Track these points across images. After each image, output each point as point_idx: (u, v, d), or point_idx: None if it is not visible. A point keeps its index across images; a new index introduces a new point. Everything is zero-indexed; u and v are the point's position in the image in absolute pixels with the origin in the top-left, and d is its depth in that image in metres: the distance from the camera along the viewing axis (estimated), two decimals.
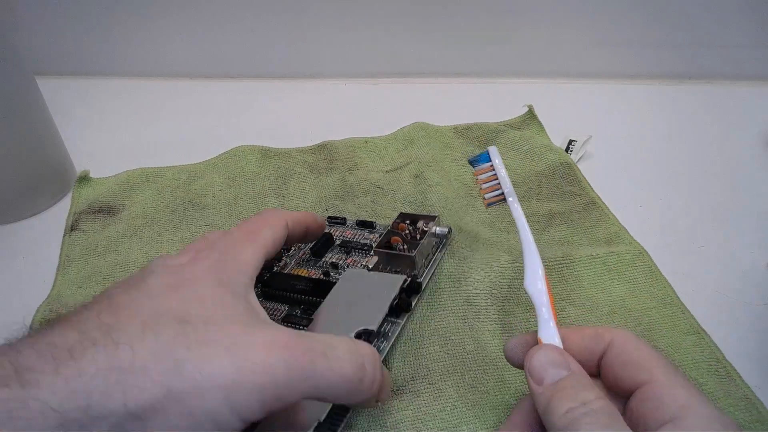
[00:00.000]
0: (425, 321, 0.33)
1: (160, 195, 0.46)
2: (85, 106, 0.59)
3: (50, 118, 0.45)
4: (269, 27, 0.61)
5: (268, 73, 0.64)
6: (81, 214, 0.44)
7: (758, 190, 0.46)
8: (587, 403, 0.20)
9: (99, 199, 0.45)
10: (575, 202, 0.43)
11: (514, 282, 0.35)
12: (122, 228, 0.42)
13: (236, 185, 0.46)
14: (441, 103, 0.61)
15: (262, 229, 0.27)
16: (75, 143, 0.49)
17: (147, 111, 0.59)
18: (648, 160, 0.50)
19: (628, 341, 0.23)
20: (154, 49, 0.63)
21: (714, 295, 0.37)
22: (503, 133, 0.51)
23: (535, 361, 0.23)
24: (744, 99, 0.60)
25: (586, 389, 0.21)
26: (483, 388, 0.30)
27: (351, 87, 0.64)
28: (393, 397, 0.30)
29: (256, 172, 0.47)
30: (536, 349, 0.24)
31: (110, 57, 0.63)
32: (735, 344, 0.33)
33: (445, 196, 0.43)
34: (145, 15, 0.60)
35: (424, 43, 0.62)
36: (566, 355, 0.23)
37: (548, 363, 0.23)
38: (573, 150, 0.48)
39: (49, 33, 0.61)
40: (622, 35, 0.61)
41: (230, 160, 0.48)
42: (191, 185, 0.46)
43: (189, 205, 0.44)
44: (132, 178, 0.47)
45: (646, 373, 0.22)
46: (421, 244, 0.33)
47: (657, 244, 0.39)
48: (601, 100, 0.60)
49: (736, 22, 0.59)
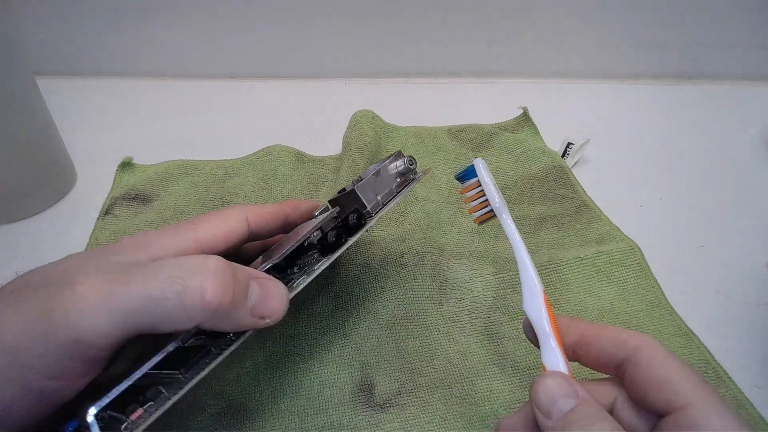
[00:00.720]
0: (409, 338, 0.34)
1: (195, 188, 0.46)
2: (85, 106, 0.59)
3: (50, 118, 0.45)
4: (269, 27, 0.61)
5: (268, 73, 0.64)
6: (117, 199, 0.45)
7: (758, 190, 0.46)
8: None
9: (136, 186, 0.46)
10: (567, 205, 0.43)
11: (499, 292, 0.35)
12: (151, 217, 0.43)
13: (268, 187, 0.46)
14: (440, 103, 0.61)
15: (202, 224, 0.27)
16: (75, 143, 0.50)
17: (147, 111, 0.59)
18: (648, 160, 0.50)
19: (657, 354, 0.21)
20: (154, 49, 0.63)
21: (714, 295, 0.37)
22: (497, 135, 0.51)
23: (542, 393, 0.21)
24: (744, 99, 0.60)
25: (598, 422, 0.20)
26: (471, 400, 0.30)
27: (351, 87, 0.64)
28: (379, 411, 0.30)
29: (288, 175, 0.47)
30: (541, 378, 0.22)
31: (110, 57, 0.63)
32: (735, 344, 0.33)
33: (428, 211, 0.43)
34: (145, 15, 0.60)
35: (423, 43, 0.62)
36: (571, 380, 0.22)
37: (555, 394, 0.21)
38: (570, 153, 0.48)
39: (49, 33, 0.61)
40: (622, 35, 0.61)
41: (266, 158, 0.48)
42: (226, 182, 0.46)
43: (219, 202, 0.44)
44: (171, 169, 0.48)
45: (681, 397, 0.20)
46: (365, 180, 0.30)
47: (657, 244, 0.39)
48: (600, 100, 0.60)
49: (736, 22, 0.59)
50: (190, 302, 0.20)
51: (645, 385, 0.21)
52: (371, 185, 0.30)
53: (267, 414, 0.30)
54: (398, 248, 0.39)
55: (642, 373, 0.21)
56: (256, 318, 0.23)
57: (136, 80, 0.64)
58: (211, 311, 0.21)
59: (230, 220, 0.27)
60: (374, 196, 0.30)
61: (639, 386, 0.21)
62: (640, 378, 0.21)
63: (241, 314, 0.22)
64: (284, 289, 0.24)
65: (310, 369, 0.32)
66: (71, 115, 0.55)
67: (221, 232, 0.27)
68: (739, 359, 0.32)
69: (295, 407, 0.30)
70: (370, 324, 0.34)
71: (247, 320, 0.22)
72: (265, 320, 0.23)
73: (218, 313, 0.21)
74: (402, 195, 0.31)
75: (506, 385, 0.31)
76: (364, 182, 0.30)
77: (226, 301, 0.21)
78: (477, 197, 0.27)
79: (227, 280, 0.21)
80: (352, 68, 0.64)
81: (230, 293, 0.21)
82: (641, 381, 0.21)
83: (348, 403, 0.30)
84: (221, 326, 0.22)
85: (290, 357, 0.33)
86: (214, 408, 0.30)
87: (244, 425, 0.30)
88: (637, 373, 0.21)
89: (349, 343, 0.34)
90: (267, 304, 0.23)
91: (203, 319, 0.21)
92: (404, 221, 0.42)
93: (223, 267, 0.22)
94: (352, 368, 0.32)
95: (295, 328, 0.34)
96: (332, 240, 0.28)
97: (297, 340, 0.34)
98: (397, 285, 0.36)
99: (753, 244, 0.40)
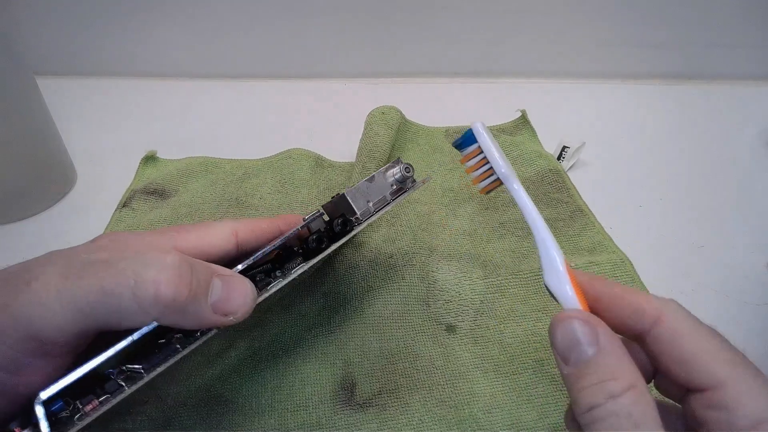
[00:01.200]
0: (394, 339, 0.34)
1: (213, 187, 0.46)
2: (85, 106, 0.59)
3: (50, 118, 0.45)
4: (269, 27, 0.61)
5: (268, 73, 0.64)
6: (136, 192, 0.45)
7: (758, 190, 0.46)
8: (613, 398, 0.17)
9: (156, 180, 0.46)
10: (561, 209, 0.43)
11: (486, 296, 0.35)
12: (166, 213, 0.43)
13: (285, 191, 0.45)
14: (440, 103, 0.61)
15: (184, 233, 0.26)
16: (75, 143, 0.50)
17: (147, 111, 0.59)
18: (648, 159, 0.50)
19: (680, 328, 0.19)
20: (154, 49, 0.63)
21: (714, 295, 0.37)
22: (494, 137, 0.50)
23: (559, 335, 0.20)
24: (744, 99, 0.60)
25: (614, 377, 0.18)
26: (451, 403, 0.30)
27: (351, 87, 0.64)
28: (358, 411, 0.30)
29: (305, 180, 0.46)
30: (560, 319, 0.20)
31: (110, 57, 0.63)
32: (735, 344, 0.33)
33: (420, 213, 0.42)
34: (145, 15, 0.60)
35: (423, 43, 0.62)
36: (595, 322, 0.20)
37: (573, 339, 0.19)
38: (565, 157, 0.48)
39: (49, 33, 0.61)
40: (622, 35, 0.61)
41: (285, 161, 0.48)
42: (244, 182, 0.46)
43: (234, 203, 0.44)
44: (192, 165, 0.48)
45: (711, 377, 0.18)
46: (357, 185, 0.30)
47: (657, 244, 0.39)
48: (600, 99, 0.60)
49: (736, 22, 0.59)
50: (143, 295, 0.20)
51: (668, 361, 0.19)
52: (363, 191, 0.30)
53: (247, 408, 0.30)
54: (388, 249, 0.39)
55: (664, 350, 0.19)
56: (218, 315, 0.22)
57: (136, 80, 0.64)
58: (165, 305, 0.20)
59: (215, 233, 0.27)
60: (365, 203, 0.30)
61: (662, 362, 0.19)
62: (663, 355, 0.19)
63: (203, 310, 0.22)
64: (250, 286, 0.24)
65: (292, 364, 0.32)
66: (71, 115, 0.55)
67: (203, 244, 0.26)
68: None
69: (276, 403, 0.30)
70: (356, 323, 0.35)
71: (210, 317, 0.22)
72: (228, 317, 0.22)
73: (174, 308, 0.21)
74: (395, 203, 0.31)
75: (487, 389, 0.31)
76: (355, 188, 0.30)
77: (181, 295, 0.20)
78: (480, 165, 0.24)
79: (183, 274, 0.21)
80: (352, 68, 0.64)
81: (185, 287, 0.21)
82: (664, 358, 0.19)
83: (328, 401, 0.30)
84: (182, 323, 0.22)
85: (274, 352, 0.33)
86: (195, 400, 0.30)
87: (224, 418, 0.30)
88: (659, 349, 0.19)
89: (334, 341, 0.34)
90: (230, 301, 0.22)
91: (159, 314, 0.21)
92: (396, 222, 0.42)
93: (180, 261, 0.21)
94: (335, 366, 0.32)
95: (281, 325, 0.34)
96: (312, 246, 0.27)
97: (282, 336, 0.34)
98: (385, 285, 0.36)
99: (753, 244, 0.40)
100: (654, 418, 0.17)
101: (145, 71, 0.64)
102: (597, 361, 0.19)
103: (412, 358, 0.32)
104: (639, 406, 0.17)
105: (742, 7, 0.58)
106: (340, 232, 0.28)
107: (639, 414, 0.17)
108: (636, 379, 0.18)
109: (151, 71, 0.64)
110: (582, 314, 0.20)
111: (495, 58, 0.63)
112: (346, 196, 0.29)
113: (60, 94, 0.55)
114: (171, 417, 0.30)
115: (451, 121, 0.54)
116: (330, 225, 0.29)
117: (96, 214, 0.44)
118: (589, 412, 0.18)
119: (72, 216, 0.45)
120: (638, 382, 0.18)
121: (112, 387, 0.22)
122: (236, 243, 0.27)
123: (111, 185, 0.47)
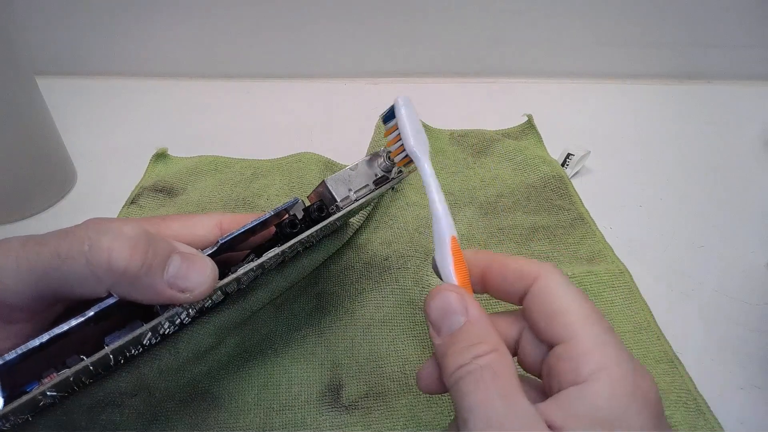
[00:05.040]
0: (384, 341, 0.33)
1: (221, 186, 0.46)
2: (85, 106, 0.59)
3: (50, 118, 0.45)
4: (269, 27, 0.61)
5: (268, 73, 0.64)
6: (145, 189, 0.45)
7: (758, 190, 0.46)
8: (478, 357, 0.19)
9: (165, 178, 0.46)
10: (562, 216, 0.42)
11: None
12: (172, 211, 0.43)
13: (292, 193, 0.45)
14: (441, 103, 0.61)
15: (168, 222, 0.27)
16: (75, 143, 0.50)
17: (147, 111, 0.59)
18: (648, 159, 0.50)
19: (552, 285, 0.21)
20: (154, 49, 0.63)
21: (714, 295, 0.37)
22: (499, 142, 0.50)
23: (432, 306, 0.21)
24: (744, 99, 0.60)
25: (481, 341, 0.20)
26: (438, 408, 0.30)
27: (351, 87, 0.64)
28: (344, 412, 0.30)
29: (314, 183, 0.46)
30: (435, 292, 0.22)
31: (110, 57, 0.63)
32: (735, 344, 0.33)
33: (418, 215, 0.42)
34: (145, 15, 0.60)
35: (423, 43, 0.62)
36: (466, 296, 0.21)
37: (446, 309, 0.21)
38: (569, 165, 0.47)
39: (49, 33, 0.61)
40: (622, 35, 0.61)
41: (295, 164, 0.47)
42: (252, 183, 0.46)
43: (241, 203, 0.44)
44: (202, 164, 0.47)
45: (568, 329, 0.20)
46: (338, 173, 0.30)
47: (657, 244, 0.39)
48: (600, 99, 0.60)
49: (736, 22, 0.59)
50: (96, 261, 0.20)
51: (537, 316, 0.21)
52: (344, 179, 0.30)
53: (233, 405, 0.30)
54: (384, 251, 0.39)
55: (536, 305, 0.21)
56: (174, 290, 0.22)
57: (136, 80, 0.64)
58: (118, 273, 0.21)
59: (199, 224, 0.27)
60: (347, 190, 0.30)
61: (533, 318, 0.21)
62: (534, 310, 0.21)
63: (157, 283, 0.22)
64: (211, 266, 0.24)
65: (280, 364, 0.32)
66: (71, 115, 0.55)
67: (186, 233, 0.26)
68: (739, 359, 0.32)
69: (262, 401, 0.30)
70: (347, 325, 0.34)
71: (165, 291, 0.22)
72: (185, 294, 0.23)
73: (127, 277, 0.21)
74: (378, 192, 0.31)
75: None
76: (336, 175, 0.30)
77: (134, 264, 0.21)
78: (398, 140, 0.25)
79: (139, 244, 0.21)
80: (353, 68, 0.64)
81: (139, 257, 0.21)
82: (535, 313, 0.21)
83: (314, 402, 0.30)
84: (136, 295, 0.22)
85: (263, 351, 0.33)
86: (183, 395, 0.30)
87: (210, 414, 0.30)
88: (531, 304, 0.21)
89: (323, 342, 0.33)
90: (188, 278, 0.23)
91: (113, 282, 0.21)
92: (393, 225, 0.41)
93: (138, 232, 0.21)
94: (323, 367, 0.32)
95: (272, 324, 0.34)
96: (286, 231, 0.28)
97: (272, 335, 0.34)
98: (378, 288, 0.36)
99: (753, 244, 0.40)
100: (513, 373, 0.19)
101: (145, 71, 0.64)
102: (466, 329, 0.20)
103: (401, 362, 0.32)
104: (501, 364, 0.19)
105: (742, 7, 0.58)
106: (316, 218, 0.29)
107: (500, 368, 0.19)
108: (499, 344, 0.20)
109: (151, 71, 0.64)
110: (455, 288, 0.22)
111: (495, 58, 0.63)
112: (326, 183, 0.29)
113: (60, 94, 0.55)
114: (158, 412, 0.29)
115: (451, 120, 0.54)
116: (307, 211, 0.29)
117: (96, 213, 0.43)
118: (456, 371, 0.19)
119: (72, 216, 0.44)
120: (501, 347, 0.20)
121: (72, 361, 0.22)
122: (220, 234, 0.27)
123: (111, 185, 0.47)
